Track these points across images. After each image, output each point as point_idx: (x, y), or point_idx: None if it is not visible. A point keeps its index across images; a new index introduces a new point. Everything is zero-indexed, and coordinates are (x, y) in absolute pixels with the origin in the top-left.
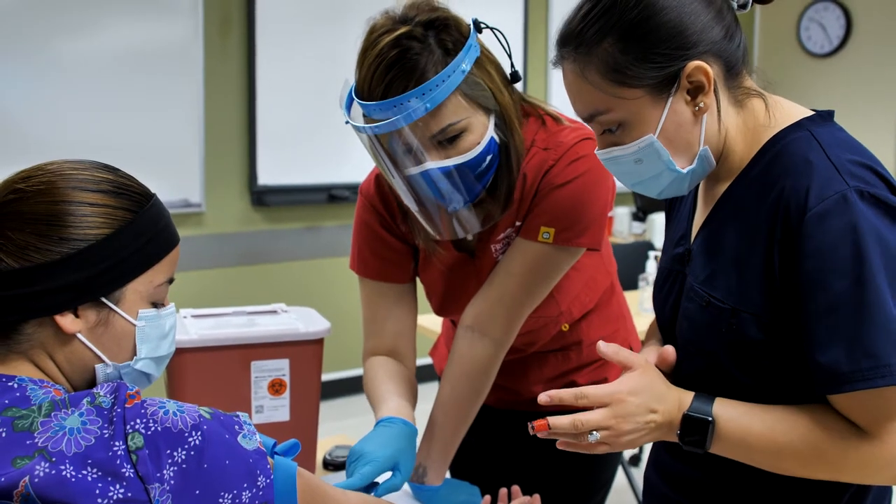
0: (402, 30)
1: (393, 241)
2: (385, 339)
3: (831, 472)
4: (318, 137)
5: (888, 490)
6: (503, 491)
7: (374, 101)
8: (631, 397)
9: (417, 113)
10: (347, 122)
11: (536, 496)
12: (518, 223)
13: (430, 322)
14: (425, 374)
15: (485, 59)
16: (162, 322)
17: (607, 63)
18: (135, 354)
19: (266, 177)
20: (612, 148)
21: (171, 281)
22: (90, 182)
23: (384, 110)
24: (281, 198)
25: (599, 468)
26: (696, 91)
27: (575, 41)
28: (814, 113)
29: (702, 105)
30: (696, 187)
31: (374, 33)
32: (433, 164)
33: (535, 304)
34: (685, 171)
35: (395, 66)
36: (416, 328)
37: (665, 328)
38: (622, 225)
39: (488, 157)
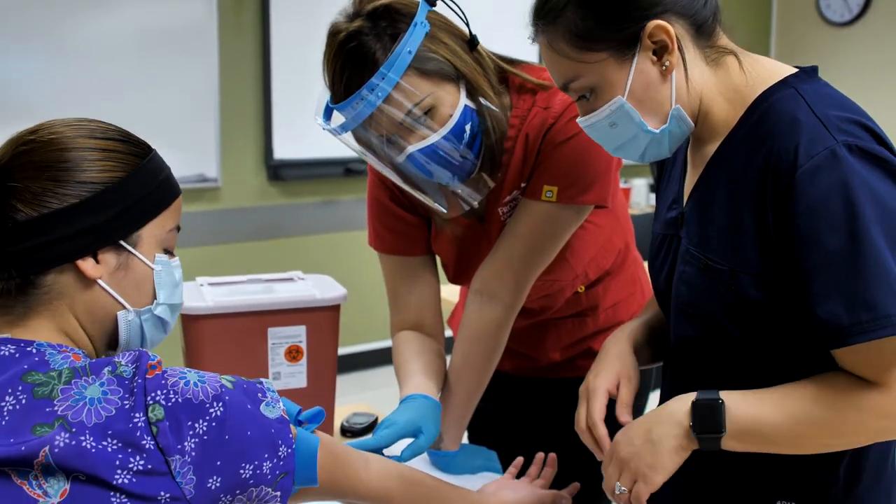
0: (352, 27)
1: (405, 214)
2: (409, 313)
3: (852, 433)
4: None
5: (884, 470)
6: (519, 460)
7: (339, 103)
8: (620, 436)
9: (373, 104)
10: (324, 128)
11: (552, 455)
12: (523, 184)
13: (453, 295)
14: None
15: (438, 31)
16: (173, 270)
17: (570, 30)
18: (154, 299)
19: (282, 151)
20: (589, 115)
21: (178, 229)
22: (97, 131)
23: (349, 108)
24: (297, 172)
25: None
26: (661, 51)
27: (541, 14)
28: (798, 70)
29: (668, 64)
30: (685, 151)
31: (330, 36)
32: (413, 147)
33: (544, 264)
34: (658, 131)
35: (348, 63)
36: (441, 299)
37: (661, 293)
38: (639, 196)
39: (468, 126)
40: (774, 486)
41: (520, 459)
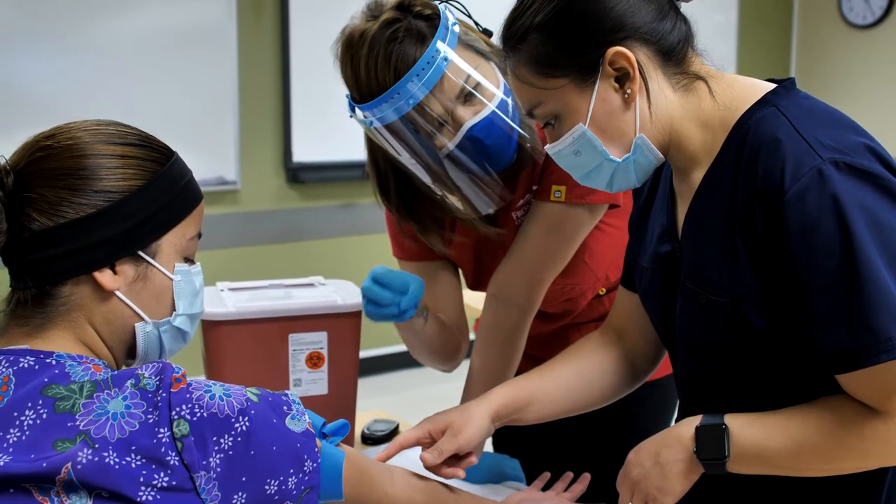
0: (384, 17)
1: None
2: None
3: (856, 459)
4: None
5: None
6: (546, 475)
7: (385, 91)
8: (632, 456)
9: (439, 71)
10: (370, 124)
11: (585, 474)
12: (535, 187)
13: (479, 301)
14: None
15: (460, 22)
16: (193, 279)
17: (532, 56)
18: (173, 310)
19: (301, 154)
20: (554, 143)
21: (199, 235)
22: (116, 136)
23: (397, 92)
24: (316, 175)
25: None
26: (623, 78)
27: (505, 41)
28: (776, 85)
29: (630, 92)
30: (670, 183)
31: (353, 36)
32: (473, 120)
33: (558, 266)
34: (621, 160)
35: (392, 47)
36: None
37: (661, 330)
38: None
39: (510, 100)
40: None
41: (546, 474)
